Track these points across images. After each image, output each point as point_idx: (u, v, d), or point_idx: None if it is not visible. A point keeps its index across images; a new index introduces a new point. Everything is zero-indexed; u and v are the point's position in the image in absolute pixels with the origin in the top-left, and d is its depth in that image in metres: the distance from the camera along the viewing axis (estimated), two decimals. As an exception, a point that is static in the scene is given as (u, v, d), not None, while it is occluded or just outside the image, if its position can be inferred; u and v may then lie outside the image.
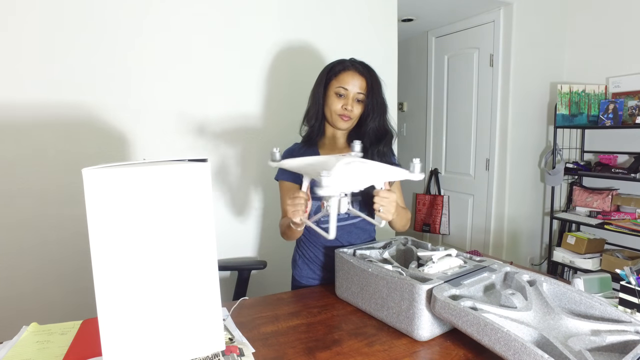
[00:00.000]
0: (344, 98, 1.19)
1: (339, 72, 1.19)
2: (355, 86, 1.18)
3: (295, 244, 1.36)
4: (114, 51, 1.43)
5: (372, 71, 1.21)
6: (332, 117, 1.21)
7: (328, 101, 1.20)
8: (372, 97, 1.20)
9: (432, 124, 3.46)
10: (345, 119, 1.19)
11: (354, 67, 1.19)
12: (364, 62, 1.23)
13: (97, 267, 0.64)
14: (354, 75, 1.18)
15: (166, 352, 0.71)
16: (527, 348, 0.65)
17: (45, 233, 1.37)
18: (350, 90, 1.18)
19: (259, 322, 0.96)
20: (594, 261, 2.53)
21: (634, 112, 2.43)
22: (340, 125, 1.21)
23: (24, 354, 0.79)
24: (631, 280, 0.96)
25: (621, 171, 2.50)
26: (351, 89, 1.18)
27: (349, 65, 1.20)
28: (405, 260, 1.16)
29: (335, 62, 1.23)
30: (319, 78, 1.24)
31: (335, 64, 1.22)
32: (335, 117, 1.20)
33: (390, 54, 2.03)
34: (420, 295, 0.85)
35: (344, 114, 1.19)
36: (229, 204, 1.70)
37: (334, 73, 1.20)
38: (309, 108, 1.27)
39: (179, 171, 0.70)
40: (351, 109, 1.18)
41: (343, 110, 1.18)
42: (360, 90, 1.18)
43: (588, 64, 2.81)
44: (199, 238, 0.72)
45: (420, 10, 2.88)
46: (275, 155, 1.07)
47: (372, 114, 1.21)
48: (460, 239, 3.25)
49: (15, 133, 1.32)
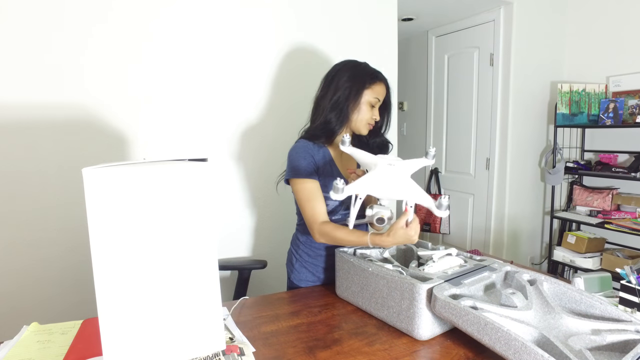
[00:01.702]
0: (374, 108, 1.24)
1: (374, 82, 1.22)
2: (382, 97, 1.25)
3: (291, 246, 1.34)
4: (114, 51, 1.43)
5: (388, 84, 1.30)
6: (358, 124, 1.23)
7: (360, 108, 1.22)
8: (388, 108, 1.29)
9: (432, 123, 3.45)
10: (370, 127, 1.26)
11: (382, 80, 1.25)
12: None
13: (98, 267, 0.64)
14: (383, 87, 1.24)
15: (166, 352, 0.71)
16: (527, 347, 0.65)
17: (45, 233, 1.37)
18: (380, 101, 1.24)
19: (260, 322, 0.96)
20: (594, 260, 2.53)
21: (635, 111, 2.43)
22: (364, 132, 1.25)
23: (24, 353, 0.79)
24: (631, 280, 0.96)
25: (621, 170, 2.50)
26: (380, 100, 1.24)
27: (382, 77, 1.25)
28: (405, 260, 1.16)
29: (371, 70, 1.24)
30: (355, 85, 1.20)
31: (368, 74, 1.23)
32: (362, 125, 1.24)
33: (391, 53, 2.02)
34: (420, 295, 0.85)
35: (372, 124, 1.25)
36: (229, 204, 1.70)
37: (370, 83, 1.22)
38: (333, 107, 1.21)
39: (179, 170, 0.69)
40: (377, 119, 1.25)
41: (372, 120, 1.24)
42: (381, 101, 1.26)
43: (588, 63, 2.81)
44: (199, 237, 0.72)
45: (421, 9, 2.88)
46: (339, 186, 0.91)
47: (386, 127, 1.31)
48: (460, 238, 3.25)
49: (15, 133, 1.32)
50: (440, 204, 0.90)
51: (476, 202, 3.09)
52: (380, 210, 1.03)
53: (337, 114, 1.21)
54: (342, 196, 0.90)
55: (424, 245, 1.14)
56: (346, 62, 1.26)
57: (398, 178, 0.95)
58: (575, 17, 2.85)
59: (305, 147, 1.21)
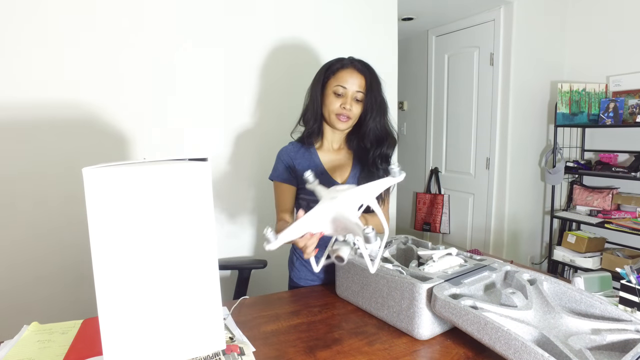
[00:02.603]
0: (342, 97, 1.15)
1: (337, 70, 1.16)
2: (354, 84, 1.14)
3: (292, 245, 1.34)
4: (113, 50, 1.43)
5: (371, 69, 1.18)
6: (330, 117, 1.18)
7: (326, 100, 1.17)
8: (372, 95, 1.16)
9: (432, 123, 3.45)
10: (343, 119, 1.16)
11: (352, 64, 1.16)
12: (363, 60, 1.19)
13: (98, 266, 0.64)
14: (352, 73, 1.15)
15: (167, 351, 0.71)
16: (527, 347, 0.65)
17: (45, 232, 1.37)
18: (348, 88, 1.14)
19: (260, 321, 0.96)
20: (594, 260, 2.53)
21: (635, 110, 2.43)
22: (338, 126, 1.18)
23: (24, 353, 0.79)
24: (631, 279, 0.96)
25: (621, 170, 2.50)
26: (350, 87, 1.14)
27: (347, 63, 1.17)
28: (405, 259, 1.16)
29: (333, 61, 1.20)
30: (317, 76, 1.20)
31: (333, 62, 1.19)
32: (333, 117, 1.17)
33: (391, 52, 2.02)
34: (420, 294, 0.85)
35: (342, 114, 1.15)
36: (229, 203, 1.70)
37: (332, 71, 1.17)
38: (306, 108, 1.23)
39: (179, 170, 0.69)
40: (350, 108, 1.15)
41: (341, 109, 1.15)
42: (359, 89, 1.15)
43: (588, 63, 2.81)
44: (199, 237, 0.72)
45: (421, 9, 2.88)
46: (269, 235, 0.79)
47: (371, 113, 1.17)
48: (460, 238, 3.25)
49: (15, 133, 1.32)
50: (394, 172, 0.83)
51: (476, 202, 3.09)
52: (340, 247, 0.87)
53: (312, 112, 1.20)
54: (274, 246, 0.78)
55: (424, 244, 1.14)
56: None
57: (336, 212, 0.81)
58: (576, 17, 2.85)
59: (286, 150, 1.25)
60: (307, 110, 1.22)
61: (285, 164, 1.23)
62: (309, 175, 0.97)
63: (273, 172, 1.25)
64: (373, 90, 1.16)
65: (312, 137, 1.23)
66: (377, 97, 1.17)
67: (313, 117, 1.20)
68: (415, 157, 3.65)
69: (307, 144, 1.24)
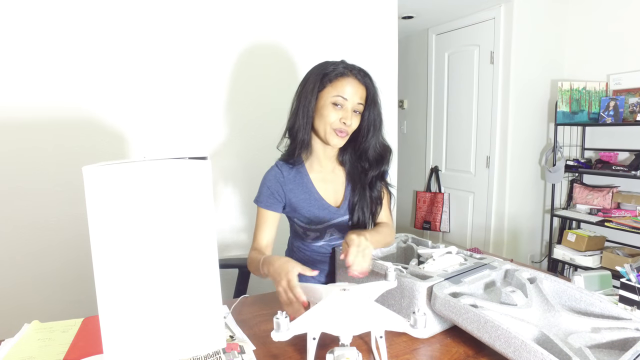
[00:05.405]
0: (341, 109, 1.01)
1: (336, 78, 1.01)
2: (356, 95, 1.01)
3: (288, 248, 1.30)
4: (113, 50, 1.42)
5: (372, 78, 1.05)
6: (325, 132, 1.03)
7: (322, 112, 1.02)
8: (374, 110, 1.05)
9: (432, 121, 3.45)
10: (342, 134, 1.02)
11: (352, 73, 1.02)
12: (361, 67, 1.05)
13: (98, 265, 0.65)
14: (353, 82, 1.01)
15: (167, 350, 0.71)
16: (527, 345, 0.66)
17: (46, 231, 1.38)
18: (349, 100, 1.00)
19: (260, 320, 0.96)
20: (594, 258, 2.53)
21: (635, 109, 2.43)
22: (334, 142, 1.03)
23: (25, 351, 0.80)
24: (631, 278, 0.96)
25: (622, 168, 2.50)
26: (351, 98, 1.00)
27: (347, 71, 1.02)
28: (405, 258, 1.16)
29: (328, 65, 1.03)
30: (310, 84, 1.03)
31: (329, 69, 1.02)
32: (329, 132, 1.02)
33: (391, 51, 2.02)
34: (420, 293, 0.85)
35: (341, 129, 1.02)
36: (229, 202, 1.70)
37: (329, 79, 1.01)
38: (295, 119, 1.06)
39: (179, 168, 0.69)
40: (350, 124, 1.01)
41: (341, 124, 1.01)
42: (361, 101, 1.02)
43: (589, 61, 2.80)
44: (199, 235, 0.72)
45: (421, 7, 2.87)
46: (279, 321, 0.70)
47: (373, 131, 1.06)
48: (460, 236, 3.25)
49: (16, 132, 1.32)
50: (389, 277, 0.85)
51: (476, 201, 3.09)
52: (344, 353, 0.73)
53: (303, 124, 1.03)
54: (288, 335, 0.69)
55: (424, 243, 1.14)
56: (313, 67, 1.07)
57: (356, 303, 0.77)
58: (576, 16, 2.85)
59: (274, 176, 1.10)
60: (296, 122, 1.05)
61: (272, 190, 1.09)
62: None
63: (258, 196, 1.12)
64: (376, 103, 1.05)
65: (301, 155, 1.08)
66: (379, 111, 1.07)
67: (303, 130, 1.04)
68: (416, 155, 3.65)
69: (297, 163, 1.10)
